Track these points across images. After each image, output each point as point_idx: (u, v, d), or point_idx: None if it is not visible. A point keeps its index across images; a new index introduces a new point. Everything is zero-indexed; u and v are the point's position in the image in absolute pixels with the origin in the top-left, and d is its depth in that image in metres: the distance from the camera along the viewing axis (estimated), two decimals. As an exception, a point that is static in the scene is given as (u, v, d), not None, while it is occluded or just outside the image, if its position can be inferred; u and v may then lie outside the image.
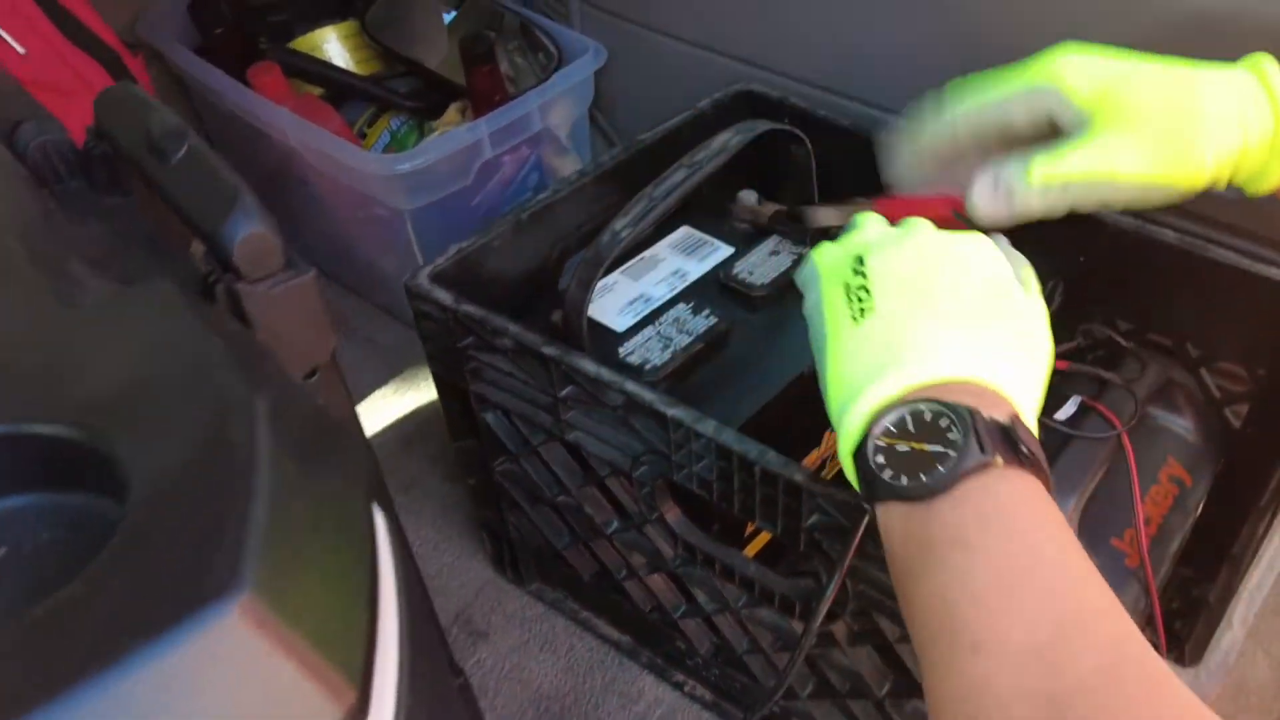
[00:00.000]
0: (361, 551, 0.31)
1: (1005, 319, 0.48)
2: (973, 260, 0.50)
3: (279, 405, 0.32)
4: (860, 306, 0.48)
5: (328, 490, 0.31)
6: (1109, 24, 0.76)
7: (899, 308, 0.47)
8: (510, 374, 0.67)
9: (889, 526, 0.45)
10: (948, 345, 0.46)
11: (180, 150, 0.43)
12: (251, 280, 0.41)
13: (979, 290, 0.48)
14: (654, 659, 0.82)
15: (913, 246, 0.50)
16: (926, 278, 0.48)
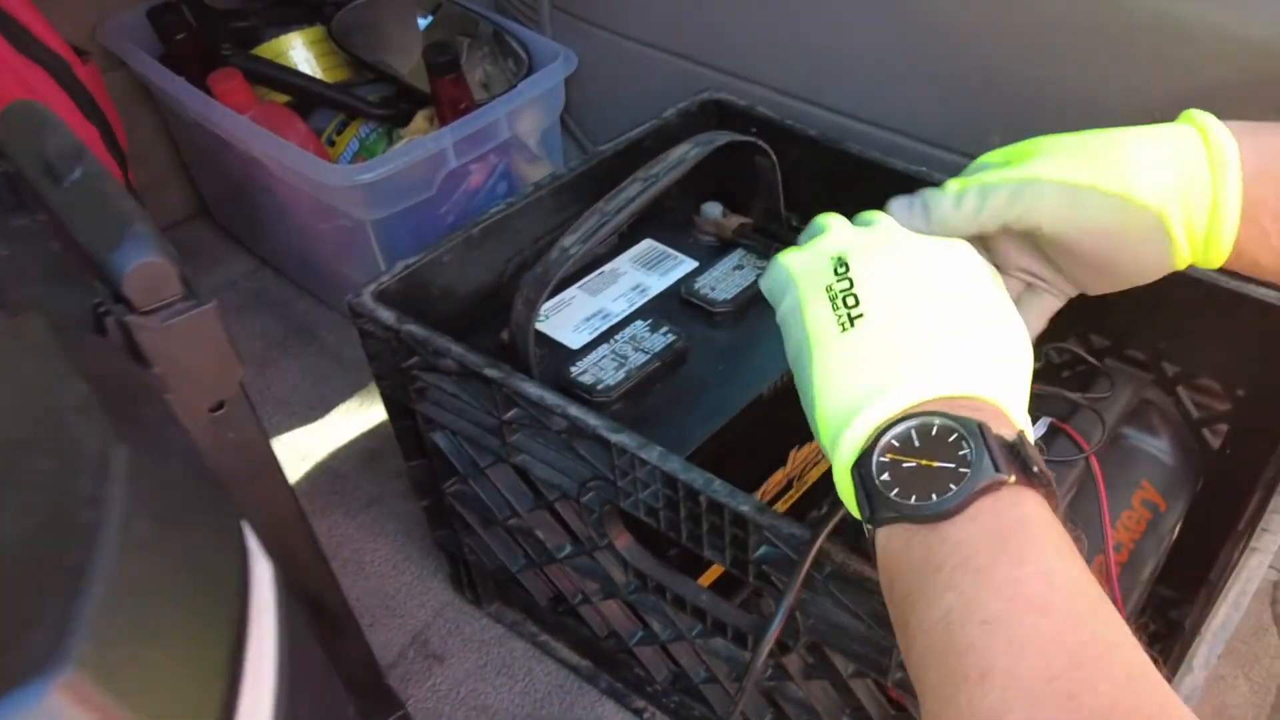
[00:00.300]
0: (223, 617, 0.29)
1: (994, 327, 0.46)
2: (958, 265, 0.47)
3: (142, 457, 0.29)
4: (849, 313, 0.45)
5: (189, 551, 0.29)
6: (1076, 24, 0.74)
7: (892, 314, 0.45)
8: (455, 395, 0.65)
9: (889, 549, 0.42)
10: (949, 357, 0.43)
11: (74, 172, 0.40)
12: (144, 312, 0.39)
13: (968, 297, 0.46)
14: (613, 685, 0.79)
15: (897, 250, 0.47)
16: (916, 283, 0.46)
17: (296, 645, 0.34)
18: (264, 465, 0.47)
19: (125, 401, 0.32)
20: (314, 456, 1.00)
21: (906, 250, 0.47)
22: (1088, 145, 0.50)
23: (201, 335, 0.40)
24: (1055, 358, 0.75)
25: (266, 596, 0.33)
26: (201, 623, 0.28)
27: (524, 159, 1.08)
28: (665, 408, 0.68)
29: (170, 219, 1.28)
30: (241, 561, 0.31)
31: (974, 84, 0.82)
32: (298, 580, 0.53)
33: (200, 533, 0.30)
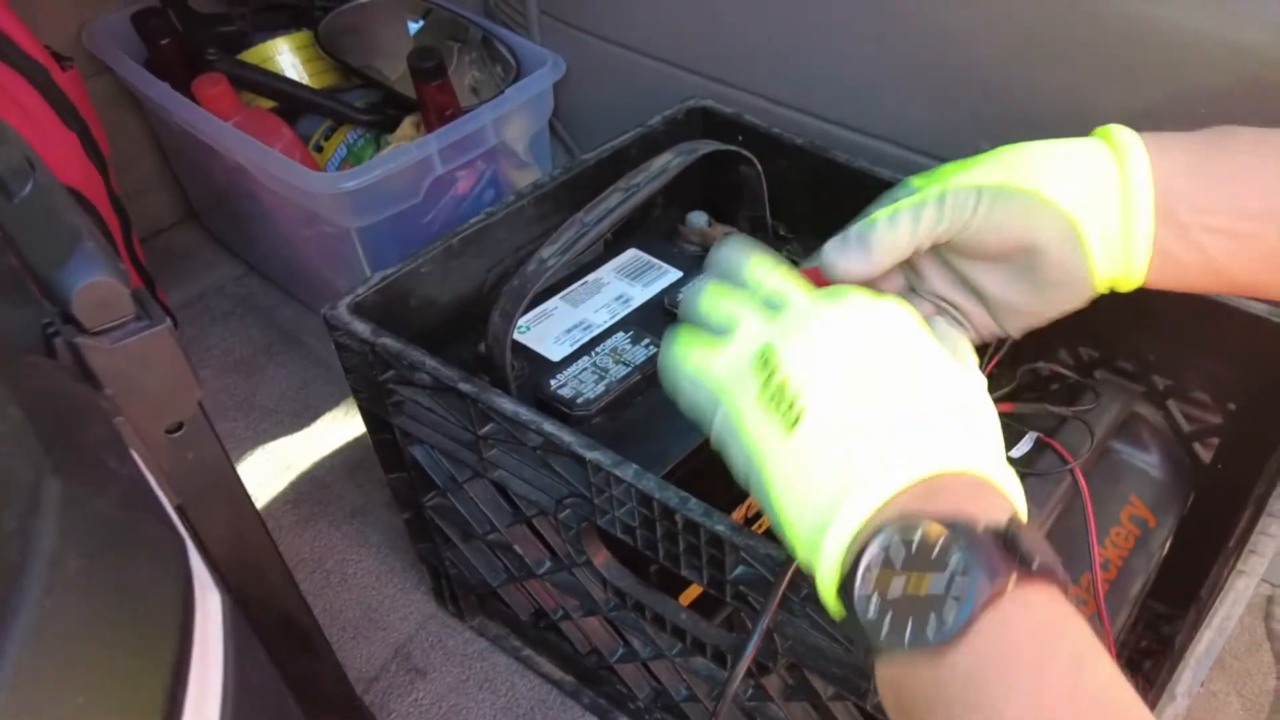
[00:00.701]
0: (159, 657, 0.28)
1: (948, 387, 0.41)
2: (891, 327, 0.43)
3: (76, 489, 0.28)
4: (789, 414, 0.40)
5: (123, 588, 0.28)
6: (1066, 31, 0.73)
7: (837, 403, 0.40)
8: (431, 410, 0.64)
9: (889, 678, 0.38)
10: (908, 437, 0.39)
11: (24, 188, 0.39)
12: (94, 332, 0.38)
13: (911, 362, 0.42)
14: (596, 700, 0.78)
15: (822, 327, 0.42)
16: (854, 359, 0.41)
17: (247, 678, 0.33)
18: (226, 485, 0.46)
19: (64, 428, 0.31)
20: (299, 465, 0.99)
21: (832, 325, 0.42)
22: (1002, 155, 0.49)
23: (155, 356, 0.39)
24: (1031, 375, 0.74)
25: (213, 630, 0.32)
26: (134, 665, 0.27)
27: (512, 165, 1.07)
28: (645, 422, 0.67)
29: (157, 224, 1.27)
30: (183, 596, 0.30)
31: (963, 91, 0.81)
32: (264, 601, 0.52)
33: (137, 569, 0.29)
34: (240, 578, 0.49)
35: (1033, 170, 0.47)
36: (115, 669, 0.26)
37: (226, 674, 0.31)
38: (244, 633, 0.35)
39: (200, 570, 0.33)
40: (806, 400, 0.40)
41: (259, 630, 0.51)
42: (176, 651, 0.28)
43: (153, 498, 0.33)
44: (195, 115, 0.98)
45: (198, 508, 0.45)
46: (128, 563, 0.29)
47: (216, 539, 0.46)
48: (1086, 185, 0.47)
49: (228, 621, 0.33)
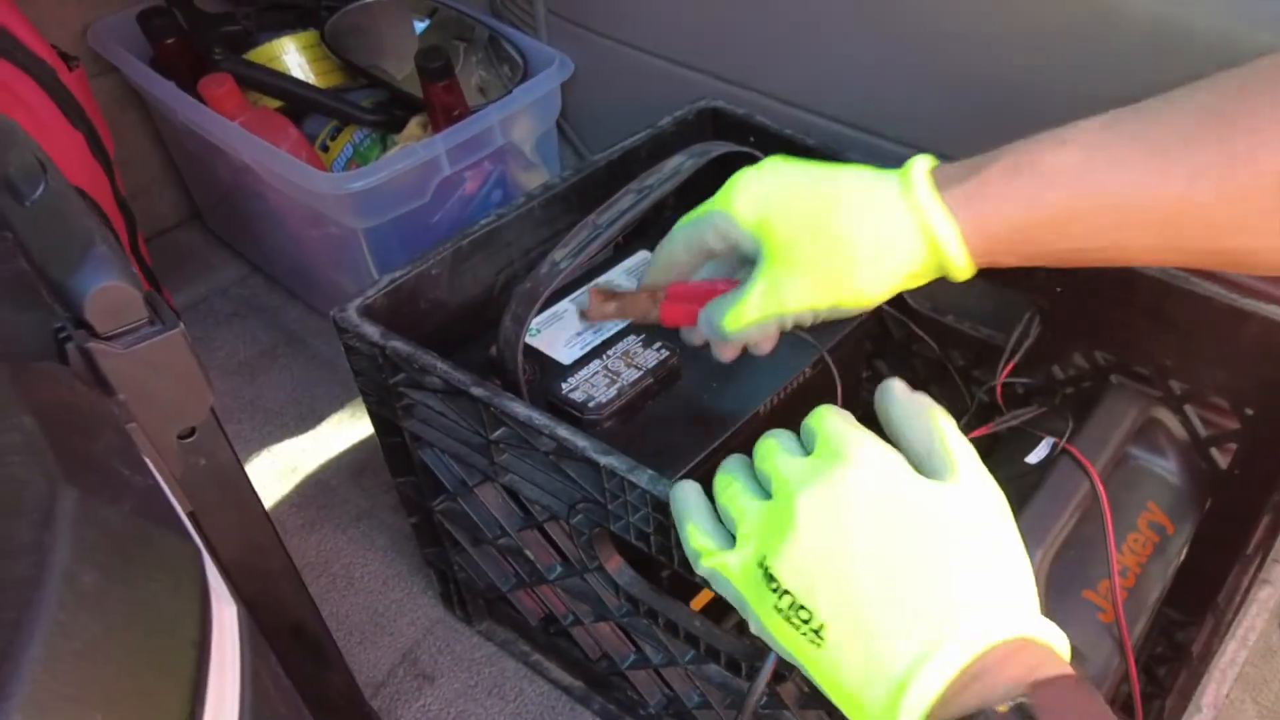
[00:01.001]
0: (177, 673, 0.27)
1: (963, 550, 0.40)
2: (884, 501, 0.41)
3: (91, 500, 0.28)
4: (811, 629, 0.40)
5: (139, 602, 0.27)
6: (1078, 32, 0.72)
7: (852, 611, 0.39)
8: (442, 414, 0.63)
9: None
10: (936, 632, 0.38)
11: (36, 191, 0.39)
12: (107, 337, 0.37)
13: (918, 535, 0.40)
14: (606, 707, 0.78)
15: (808, 521, 0.41)
16: (850, 555, 0.40)
17: (263, 692, 0.33)
18: (238, 491, 0.45)
19: (77, 436, 0.31)
20: (304, 468, 0.99)
21: (815, 519, 0.41)
22: (817, 258, 0.52)
23: (168, 360, 0.38)
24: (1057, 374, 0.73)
25: (230, 643, 0.31)
26: (152, 681, 0.26)
27: (519, 166, 1.06)
28: (658, 426, 0.66)
29: (162, 225, 1.27)
30: (200, 610, 0.29)
31: (976, 92, 0.80)
32: (275, 608, 0.51)
33: (153, 582, 0.28)
34: (251, 586, 0.48)
35: (855, 283, 0.52)
36: (132, 688, 0.26)
37: (243, 688, 0.30)
38: (259, 645, 0.34)
39: (216, 581, 0.33)
40: (820, 614, 0.40)
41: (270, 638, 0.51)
42: (195, 668, 0.28)
43: (167, 506, 0.32)
44: (201, 115, 0.98)
45: (209, 515, 0.44)
46: (144, 576, 0.28)
47: (228, 546, 0.46)
48: (903, 266, 0.51)
49: (242, 633, 0.32)
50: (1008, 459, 0.68)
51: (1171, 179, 0.46)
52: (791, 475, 0.43)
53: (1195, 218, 0.46)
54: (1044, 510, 0.63)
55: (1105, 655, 0.63)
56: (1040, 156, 0.49)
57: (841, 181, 0.53)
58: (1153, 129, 0.47)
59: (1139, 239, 0.48)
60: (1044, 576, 0.62)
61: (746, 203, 0.54)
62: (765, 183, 0.55)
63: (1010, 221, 0.49)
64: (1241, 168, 0.44)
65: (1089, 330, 0.73)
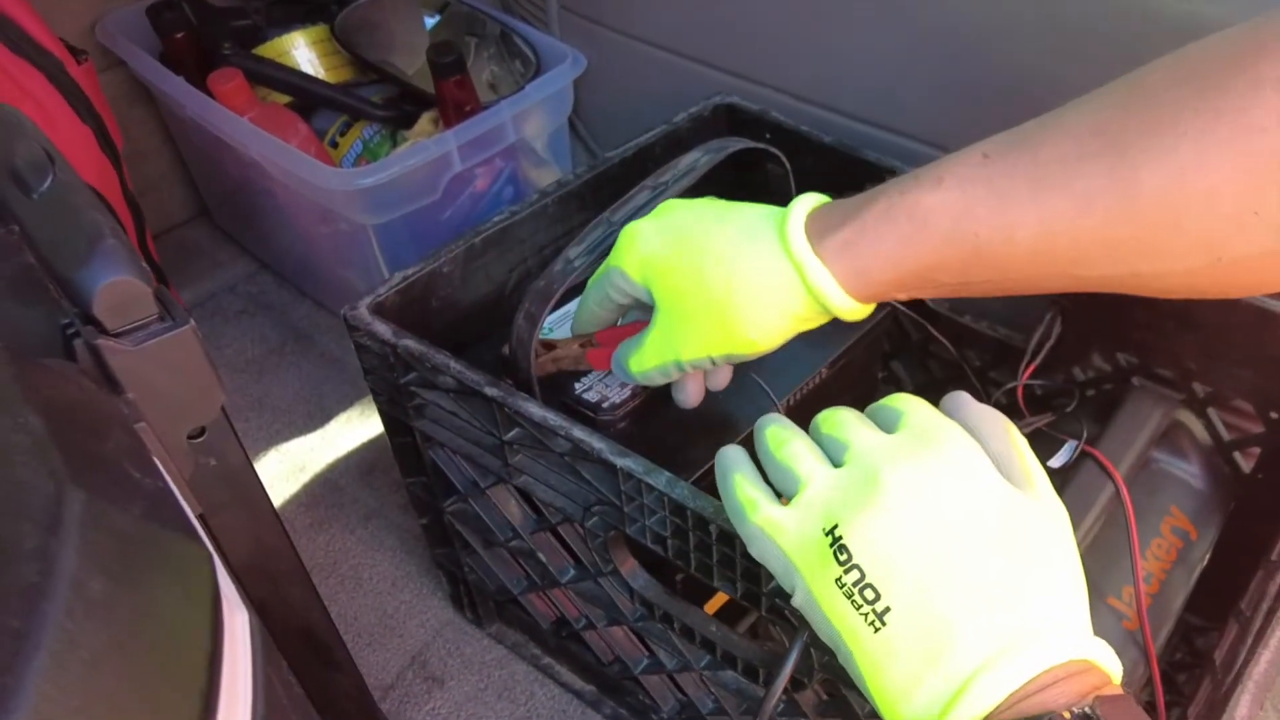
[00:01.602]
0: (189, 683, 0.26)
1: (1035, 561, 0.39)
2: (974, 494, 0.39)
3: (99, 503, 0.27)
4: (873, 610, 0.38)
5: (149, 610, 0.26)
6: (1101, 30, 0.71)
7: (923, 598, 0.37)
8: (454, 414, 0.62)
9: None
10: (1007, 639, 0.36)
11: (44, 183, 0.38)
12: (116, 334, 0.36)
13: (999, 534, 0.38)
14: (618, 711, 0.77)
15: (893, 497, 0.39)
16: (934, 541, 0.38)
17: (276, 700, 0.32)
18: (249, 492, 0.44)
19: (85, 437, 0.30)
20: (312, 467, 0.98)
21: (901, 497, 0.39)
22: (701, 310, 0.52)
23: (179, 358, 0.37)
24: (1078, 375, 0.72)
25: (242, 651, 0.30)
26: (162, 693, 0.25)
27: (531, 163, 1.05)
28: (672, 428, 0.65)
29: (170, 221, 1.26)
30: (212, 617, 0.28)
31: (995, 90, 0.79)
32: (285, 611, 0.50)
33: (164, 589, 0.27)
34: (261, 589, 0.47)
35: (744, 340, 0.53)
36: (142, 699, 0.25)
37: (255, 697, 0.29)
38: (271, 652, 0.33)
39: (227, 587, 0.32)
40: (889, 596, 0.38)
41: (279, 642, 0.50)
42: (206, 678, 0.27)
43: (178, 509, 0.31)
44: (209, 110, 0.97)
45: (219, 516, 0.43)
46: (154, 582, 0.27)
47: (237, 549, 0.45)
48: (788, 322, 0.52)
49: (255, 640, 0.31)
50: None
51: (1058, 208, 0.43)
52: (877, 447, 0.41)
53: (1090, 244, 0.44)
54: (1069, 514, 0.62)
55: (1129, 664, 0.61)
56: (917, 198, 0.47)
57: (722, 233, 0.52)
58: (1035, 155, 0.44)
59: (1028, 271, 0.46)
60: (1067, 582, 0.61)
61: (632, 259, 0.55)
62: (649, 239, 0.55)
63: (888, 265, 0.48)
64: (1133, 187, 0.42)
65: (1111, 331, 0.72)
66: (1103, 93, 0.45)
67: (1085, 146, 0.43)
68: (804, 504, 0.41)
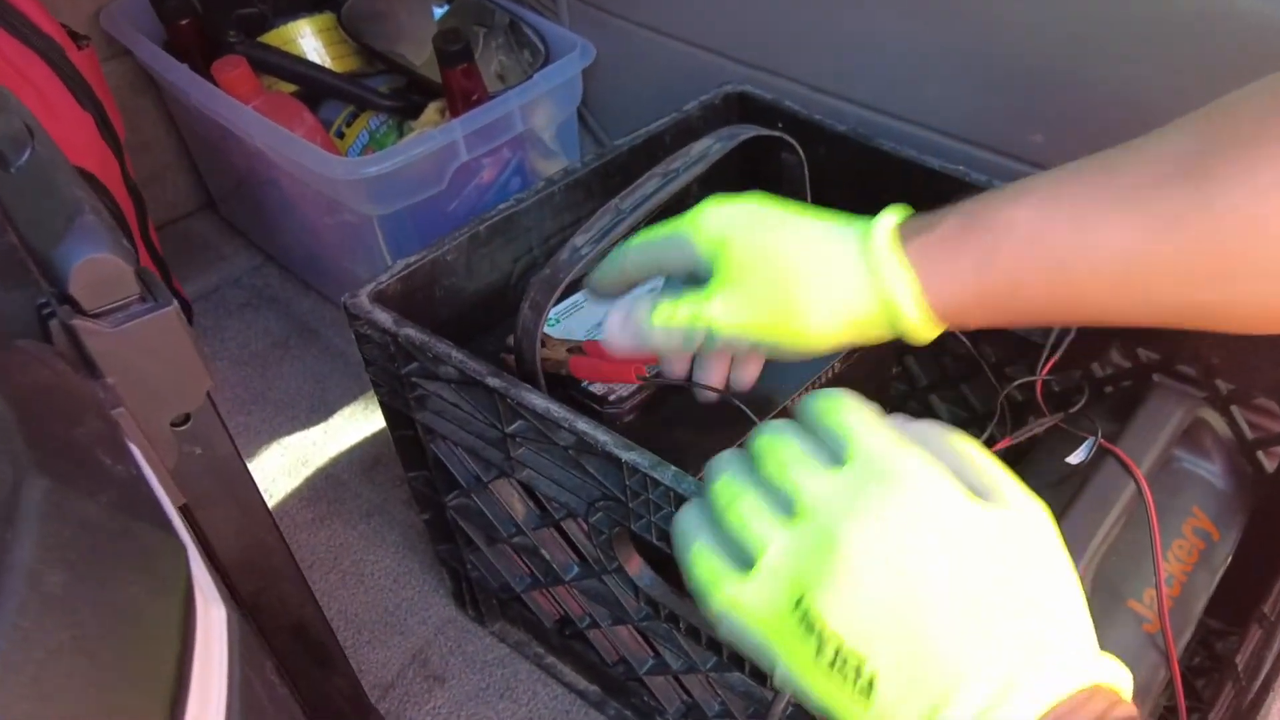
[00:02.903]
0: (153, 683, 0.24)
1: (1022, 584, 0.36)
2: (938, 528, 0.36)
3: (63, 492, 0.25)
4: (858, 681, 0.35)
5: (112, 606, 0.24)
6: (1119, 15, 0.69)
7: (910, 659, 0.34)
8: (456, 405, 0.61)
9: None
10: (1002, 684, 0.33)
11: (21, 157, 0.36)
12: (93, 314, 0.34)
13: (976, 568, 0.35)
14: (622, 712, 0.75)
15: (857, 551, 0.35)
16: (907, 593, 0.35)
17: (254, 701, 0.30)
18: (237, 484, 0.43)
19: (55, 421, 0.28)
20: (314, 462, 0.96)
21: (865, 550, 0.35)
22: (763, 285, 0.50)
23: (160, 341, 0.36)
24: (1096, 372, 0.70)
25: (216, 650, 0.28)
26: (125, 694, 0.24)
27: (539, 154, 1.04)
28: (679, 421, 0.63)
29: (175, 213, 1.25)
30: (182, 614, 0.27)
31: (1013, 78, 0.77)
32: (276, 608, 0.49)
33: (130, 583, 0.25)
34: (251, 585, 0.46)
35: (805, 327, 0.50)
36: (102, 700, 0.23)
37: (231, 699, 0.28)
38: (251, 650, 0.31)
39: (204, 580, 0.30)
40: (873, 663, 0.34)
41: (270, 641, 0.48)
42: (174, 679, 0.25)
43: (151, 500, 0.29)
44: (214, 98, 0.95)
45: (205, 508, 0.42)
46: (120, 576, 0.25)
47: (225, 542, 0.43)
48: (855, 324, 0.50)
49: (233, 638, 0.30)
50: (1048, 457, 0.65)
51: (1137, 230, 0.43)
52: (826, 497, 0.37)
53: (1164, 270, 0.43)
54: (1088, 515, 0.60)
55: (1149, 668, 0.59)
56: (997, 209, 0.46)
57: (808, 223, 0.52)
58: (1117, 178, 0.44)
59: (1105, 296, 0.45)
60: (1088, 584, 0.59)
61: (712, 223, 0.53)
62: (735, 210, 0.53)
63: (967, 279, 0.47)
64: (1213, 210, 0.41)
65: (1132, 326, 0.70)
66: (1184, 121, 0.45)
67: (1166, 170, 0.43)
68: (765, 574, 0.37)
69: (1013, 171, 0.79)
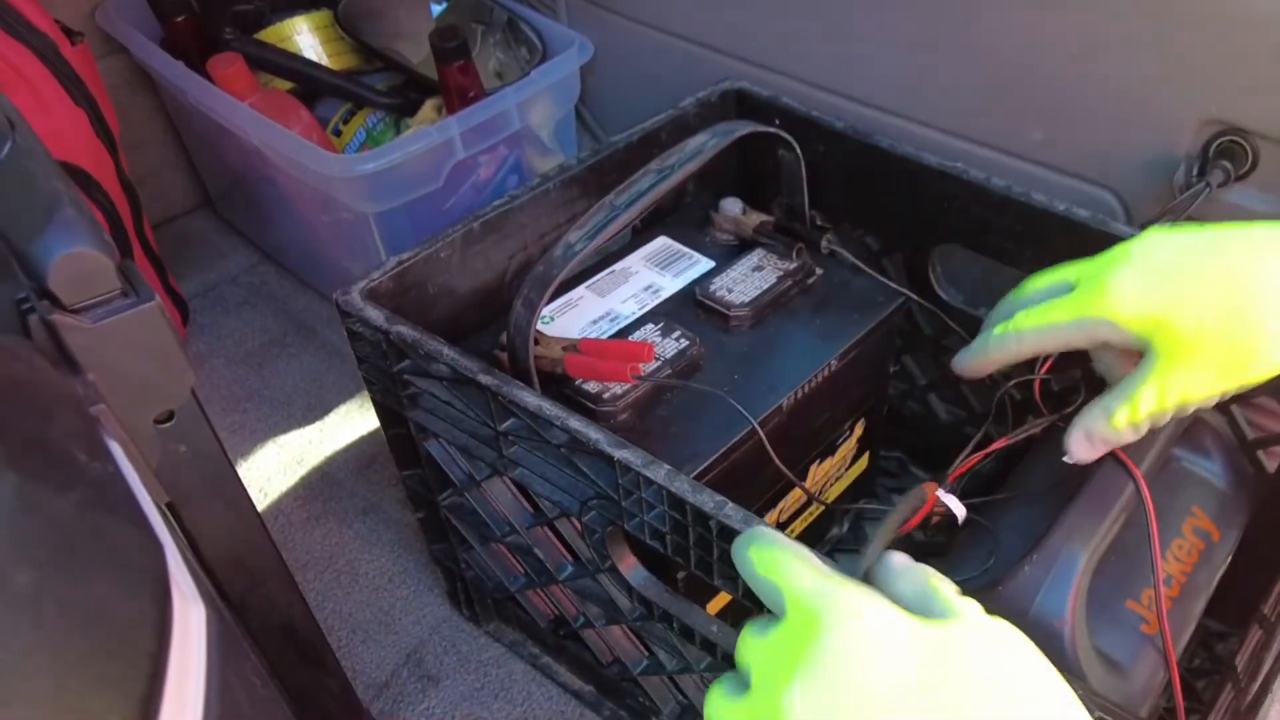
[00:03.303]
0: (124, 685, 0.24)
1: (985, 677, 0.33)
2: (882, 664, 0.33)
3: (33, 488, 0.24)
4: None
5: (83, 606, 0.24)
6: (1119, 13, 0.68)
7: None
8: (449, 403, 0.60)
9: None
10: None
11: (2, 149, 0.36)
12: (74, 309, 0.34)
13: (942, 689, 0.32)
14: (617, 713, 0.74)
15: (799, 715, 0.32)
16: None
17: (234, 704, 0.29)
18: (222, 482, 0.42)
19: (29, 417, 0.28)
20: (310, 460, 0.96)
21: (806, 710, 0.32)
22: (1226, 346, 0.47)
23: (142, 337, 0.35)
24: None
25: (194, 651, 0.28)
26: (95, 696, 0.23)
27: (536, 151, 1.03)
28: (675, 420, 0.63)
29: (172, 211, 1.24)
30: (157, 614, 0.26)
31: (1012, 75, 0.76)
32: (265, 608, 0.48)
33: (101, 583, 0.25)
34: (239, 584, 0.45)
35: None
36: (71, 702, 0.22)
37: (209, 702, 0.27)
38: (232, 650, 0.31)
39: (183, 580, 0.29)
40: None
41: (259, 641, 0.48)
42: (147, 679, 0.25)
43: (126, 497, 0.29)
44: (210, 95, 0.95)
45: (190, 507, 0.41)
46: (91, 575, 0.25)
47: (212, 541, 0.43)
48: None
49: (212, 639, 0.29)
50: (1046, 456, 0.65)
51: None
52: (766, 666, 0.34)
53: None
54: (1087, 515, 0.59)
55: (1149, 670, 0.59)
56: None
57: (1227, 259, 0.48)
58: None
59: None
60: (1087, 585, 0.58)
61: (1131, 303, 0.49)
62: (1151, 277, 0.49)
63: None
64: None
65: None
66: None
67: None
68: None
69: (1011, 170, 0.79)
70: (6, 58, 0.79)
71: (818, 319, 0.70)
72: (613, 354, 0.62)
